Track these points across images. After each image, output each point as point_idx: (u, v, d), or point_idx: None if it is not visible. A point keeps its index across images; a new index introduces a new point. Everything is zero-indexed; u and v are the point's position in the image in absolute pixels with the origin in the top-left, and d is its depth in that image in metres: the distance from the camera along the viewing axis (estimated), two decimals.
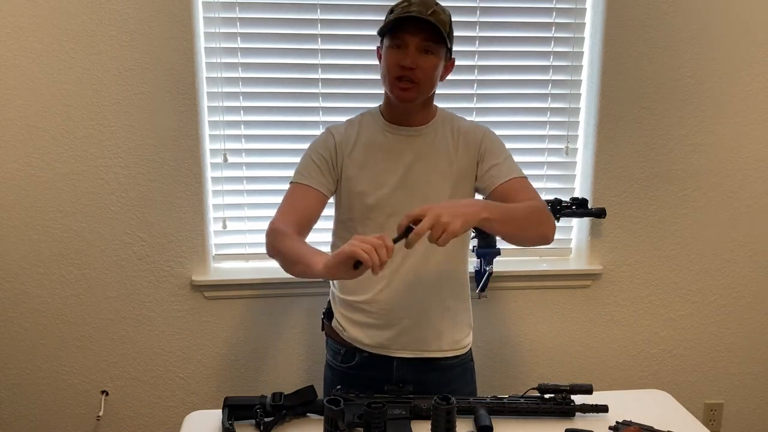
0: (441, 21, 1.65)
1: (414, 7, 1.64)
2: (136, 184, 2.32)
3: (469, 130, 1.79)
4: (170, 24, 2.23)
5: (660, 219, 2.56)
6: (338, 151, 1.75)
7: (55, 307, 2.38)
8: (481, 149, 1.76)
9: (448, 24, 1.69)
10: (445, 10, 1.70)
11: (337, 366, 1.87)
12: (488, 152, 1.76)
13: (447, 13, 1.70)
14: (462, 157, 1.76)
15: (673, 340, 2.67)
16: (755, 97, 2.50)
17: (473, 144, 1.76)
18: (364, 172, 1.74)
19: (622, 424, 1.62)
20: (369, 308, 1.79)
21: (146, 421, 2.51)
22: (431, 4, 1.67)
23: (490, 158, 1.75)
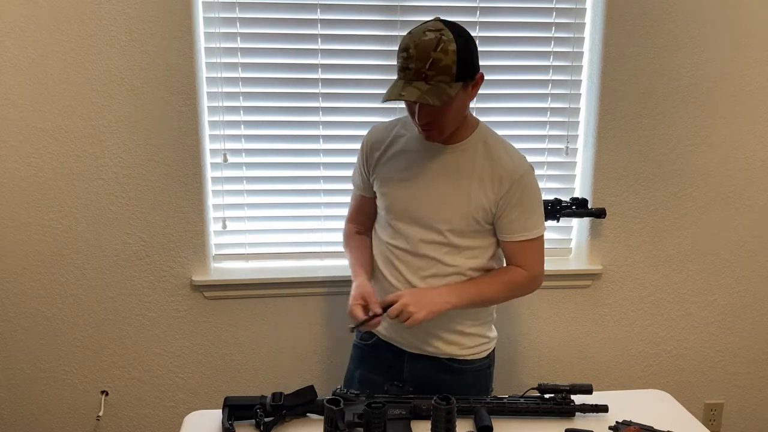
0: (443, 68, 1.57)
1: (412, 63, 1.57)
2: (136, 184, 2.32)
3: (503, 169, 1.72)
4: (170, 24, 2.23)
5: (660, 219, 2.56)
6: (370, 153, 1.84)
7: (55, 307, 2.38)
8: (506, 199, 1.72)
9: (453, 63, 1.57)
10: (449, 45, 1.57)
11: (358, 343, 1.96)
12: (510, 204, 1.72)
13: (451, 49, 1.57)
14: (483, 192, 1.72)
15: (673, 340, 2.67)
16: (755, 97, 2.50)
17: (500, 187, 1.71)
18: (389, 176, 1.79)
19: (622, 424, 1.62)
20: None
21: (146, 421, 2.51)
22: (429, 49, 1.56)
23: (510, 211, 1.73)
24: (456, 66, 1.58)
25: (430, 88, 1.57)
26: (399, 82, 1.61)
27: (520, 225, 1.74)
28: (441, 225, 1.74)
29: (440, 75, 1.57)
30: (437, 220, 1.74)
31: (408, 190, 1.76)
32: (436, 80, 1.57)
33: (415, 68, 1.57)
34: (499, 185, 1.71)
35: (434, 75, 1.57)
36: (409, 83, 1.58)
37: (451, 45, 1.58)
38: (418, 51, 1.56)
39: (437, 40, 1.57)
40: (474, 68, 1.65)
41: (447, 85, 1.58)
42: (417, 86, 1.57)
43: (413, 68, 1.57)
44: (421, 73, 1.57)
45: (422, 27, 1.61)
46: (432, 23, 1.62)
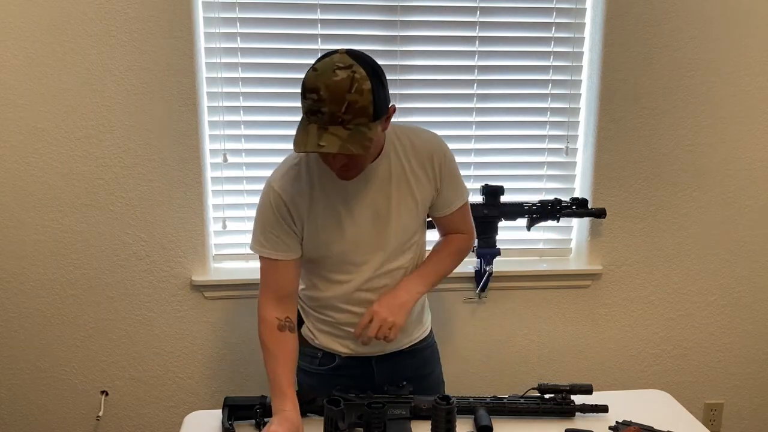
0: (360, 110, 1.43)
1: (325, 107, 1.42)
2: (136, 184, 2.32)
3: (424, 149, 1.68)
4: (170, 24, 2.23)
5: (660, 219, 2.56)
6: (292, 211, 1.64)
7: (55, 307, 2.38)
8: (441, 177, 1.70)
9: (370, 103, 1.44)
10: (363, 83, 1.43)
11: (315, 370, 1.83)
12: (445, 180, 1.71)
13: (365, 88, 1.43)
14: (423, 187, 1.69)
15: (673, 340, 2.67)
16: (755, 97, 2.50)
17: (432, 169, 1.68)
18: (327, 222, 1.65)
19: (622, 424, 1.62)
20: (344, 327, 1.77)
21: (146, 421, 2.51)
22: (343, 91, 1.41)
23: (445, 186, 1.72)
24: (372, 106, 1.44)
25: (350, 134, 1.43)
26: (311, 128, 1.44)
27: (456, 194, 1.76)
28: (394, 241, 1.69)
29: (357, 117, 1.43)
30: (393, 239, 1.69)
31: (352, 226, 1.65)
32: (354, 123, 1.43)
33: (329, 112, 1.42)
34: (431, 168, 1.68)
35: (351, 119, 1.42)
36: (323, 129, 1.43)
37: (365, 84, 1.43)
38: (330, 93, 1.41)
39: (350, 79, 1.42)
40: (387, 103, 1.52)
41: (366, 128, 1.44)
42: (334, 132, 1.42)
43: (327, 112, 1.42)
44: (337, 118, 1.42)
45: (329, 63, 1.44)
46: (338, 58, 1.45)
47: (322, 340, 1.80)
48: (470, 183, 2.51)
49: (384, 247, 1.69)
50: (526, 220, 2.42)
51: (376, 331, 1.64)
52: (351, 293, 1.72)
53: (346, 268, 1.70)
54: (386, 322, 1.64)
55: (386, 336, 1.65)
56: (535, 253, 2.61)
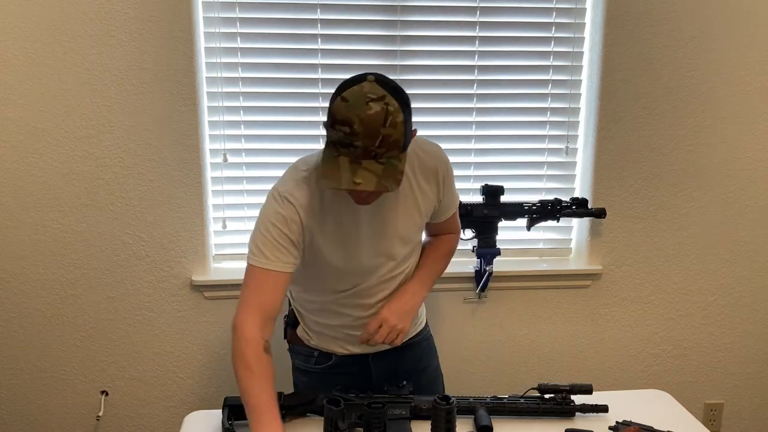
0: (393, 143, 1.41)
1: (358, 141, 1.39)
2: (136, 184, 2.32)
3: (429, 162, 1.67)
4: (170, 24, 2.23)
5: (660, 219, 2.56)
6: (305, 225, 1.58)
7: (54, 307, 2.38)
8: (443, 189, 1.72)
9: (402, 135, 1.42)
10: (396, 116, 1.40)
11: (311, 369, 1.82)
12: (445, 191, 1.73)
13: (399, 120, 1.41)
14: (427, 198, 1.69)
15: (673, 340, 2.67)
16: (755, 97, 2.50)
17: (435, 182, 1.69)
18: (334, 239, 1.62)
19: (622, 424, 1.62)
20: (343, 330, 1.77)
21: (146, 421, 2.51)
22: (378, 125, 1.39)
23: (446, 194, 1.74)
24: (404, 138, 1.44)
25: (384, 169, 1.41)
26: (343, 161, 1.41)
27: (453, 201, 1.79)
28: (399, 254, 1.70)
29: (390, 151, 1.41)
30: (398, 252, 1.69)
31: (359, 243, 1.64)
32: (386, 157, 1.41)
33: (363, 146, 1.39)
34: (434, 180, 1.69)
35: (384, 152, 1.41)
36: (357, 164, 1.40)
37: (398, 116, 1.41)
38: (364, 128, 1.38)
39: (384, 113, 1.39)
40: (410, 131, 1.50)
41: (397, 160, 1.43)
42: (368, 167, 1.40)
43: (360, 146, 1.39)
44: (371, 152, 1.40)
45: (360, 95, 1.40)
46: (369, 88, 1.41)
47: (317, 341, 1.80)
48: (470, 183, 2.51)
49: (390, 258, 1.70)
50: (526, 220, 2.42)
51: (385, 336, 1.68)
52: (351, 299, 1.72)
53: (348, 279, 1.69)
54: (395, 329, 1.68)
55: (393, 341, 1.70)
56: (535, 253, 2.61)
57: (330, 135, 1.45)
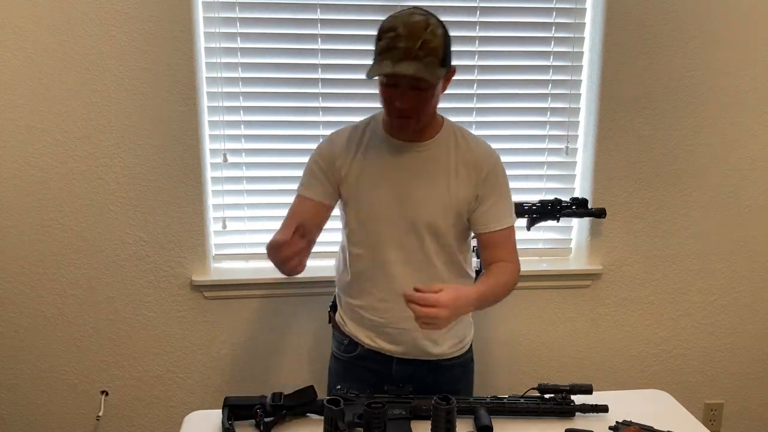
0: (433, 50, 1.55)
1: (401, 43, 1.53)
2: (136, 184, 2.32)
3: (477, 157, 1.72)
4: (170, 24, 2.23)
5: (660, 219, 2.56)
6: (338, 160, 1.73)
7: (55, 307, 2.38)
8: (485, 186, 1.72)
9: (441, 46, 1.57)
10: (437, 29, 1.58)
11: (340, 356, 1.90)
12: (489, 192, 1.72)
13: (438, 33, 1.58)
14: (462, 184, 1.71)
15: (673, 340, 2.67)
16: (755, 97, 2.50)
17: (477, 175, 1.71)
18: (360, 183, 1.72)
19: (622, 424, 1.62)
20: (366, 314, 1.80)
21: (146, 421, 2.51)
22: (420, 29, 1.54)
23: (488, 198, 1.72)
24: (442, 50, 1.57)
25: (423, 66, 1.53)
26: (386, 63, 1.54)
27: (500, 213, 1.74)
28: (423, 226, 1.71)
29: (430, 56, 1.54)
30: (420, 220, 1.70)
31: (385, 198, 1.70)
32: (426, 60, 1.53)
33: (405, 47, 1.52)
34: (476, 174, 1.71)
35: (425, 56, 1.53)
36: (398, 61, 1.53)
37: (438, 29, 1.57)
38: (408, 30, 1.53)
39: (426, 22, 1.56)
40: (450, 59, 1.64)
41: (436, 67, 1.56)
42: (408, 64, 1.52)
43: (402, 47, 1.53)
44: (412, 53, 1.52)
45: (407, 11, 1.59)
46: (412, 8, 1.60)
47: (350, 327, 1.85)
48: None
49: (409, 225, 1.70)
50: (526, 220, 2.42)
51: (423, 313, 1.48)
52: (376, 269, 1.74)
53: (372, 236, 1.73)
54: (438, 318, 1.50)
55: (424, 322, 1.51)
56: (535, 253, 2.61)
57: (377, 47, 1.58)
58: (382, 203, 1.71)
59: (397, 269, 1.73)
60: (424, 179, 1.70)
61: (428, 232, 1.72)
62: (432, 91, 1.60)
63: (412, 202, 1.70)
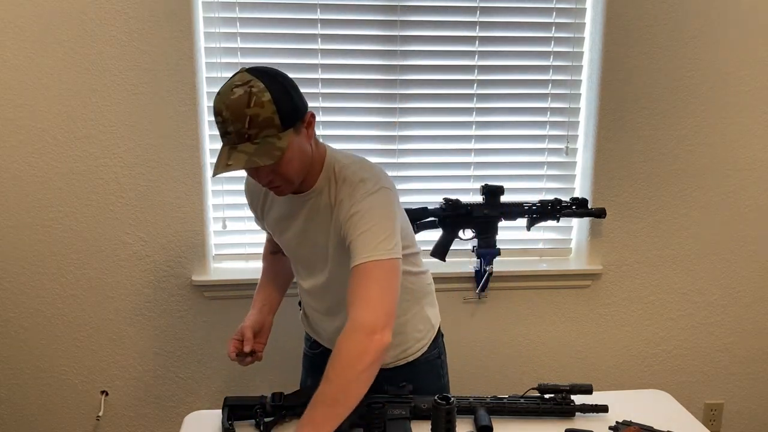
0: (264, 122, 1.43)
1: (230, 127, 1.43)
2: (136, 184, 2.32)
3: (344, 198, 1.58)
4: (170, 24, 2.23)
5: (660, 219, 2.56)
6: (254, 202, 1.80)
7: (55, 307, 2.38)
8: (347, 225, 1.54)
9: (273, 113, 1.44)
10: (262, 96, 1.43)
11: (307, 352, 1.96)
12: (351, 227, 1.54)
13: (265, 100, 1.43)
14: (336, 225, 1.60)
15: (673, 340, 2.67)
16: (755, 97, 2.50)
17: (343, 215, 1.56)
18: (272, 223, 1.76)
19: (622, 424, 1.62)
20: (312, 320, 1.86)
21: (146, 421, 2.51)
22: (242, 107, 1.42)
23: (349, 233, 1.54)
24: (278, 115, 1.44)
25: (257, 148, 1.43)
26: (223, 150, 1.47)
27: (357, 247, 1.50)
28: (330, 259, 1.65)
29: (264, 130, 1.43)
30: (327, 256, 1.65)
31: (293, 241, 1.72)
32: (261, 137, 1.43)
33: (235, 131, 1.43)
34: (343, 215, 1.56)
35: (257, 133, 1.43)
36: (233, 148, 1.44)
37: (264, 96, 1.43)
38: (231, 112, 1.43)
39: (248, 95, 1.43)
40: (299, 110, 1.51)
41: (275, 138, 1.45)
42: (243, 150, 1.43)
43: (233, 131, 1.43)
44: (243, 134, 1.43)
45: (228, 84, 1.47)
46: (238, 77, 1.47)
47: (306, 326, 1.92)
48: (470, 183, 2.51)
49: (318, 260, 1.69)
50: (526, 220, 2.42)
51: None
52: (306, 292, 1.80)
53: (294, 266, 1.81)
54: None
55: None
56: (535, 253, 2.61)
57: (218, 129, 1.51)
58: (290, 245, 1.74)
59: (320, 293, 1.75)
60: (317, 223, 1.64)
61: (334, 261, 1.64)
62: (288, 156, 1.48)
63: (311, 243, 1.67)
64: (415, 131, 2.47)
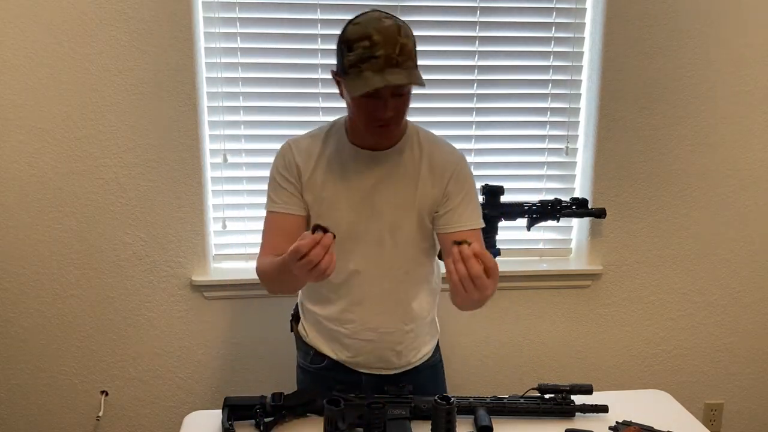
0: (410, 53, 1.49)
1: (380, 50, 1.45)
2: (136, 184, 2.32)
3: (441, 160, 1.66)
4: (170, 24, 2.23)
5: (660, 219, 2.56)
6: (299, 169, 1.67)
7: (55, 307, 2.38)
8: (448, 187, 1.65)
9: (414, 48, 1.52)
10: (408, 30, 1.52)
11: (308, 367, 1.85)
12: (455, 191, 1.65)
13: (410, 34, 1.52)
14: (428, 187, 1.65)
15: (673, 340, 2.67)
16: (755, 97, 2.50)
17: (441, 178, 1.65)
18: (323, 195, 1.67)
19: (622, 424, 1.62)
20: (330, 324, 1.77)
21: (146, 421, 2.51)
22: (395, 34, 1.48)
23: (454, 197, 1.65)
24: (415, 53, 1.53)
25: (408, 73, 1.48)
26: (367, 74, 1.46)
27: (466, 213, 1.65)
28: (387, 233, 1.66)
29: (408, 60, 1.48)
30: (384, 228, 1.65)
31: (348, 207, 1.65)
32: (406, 66, 1.48)
33: (385, 55, 1.45)
34: (441, 178, 1.65)
35: (404, 61, 1.47)
36: (380, 72, 1.45)
37: (410, 30, 1.53)
38: (383, 36, 1.46)
39: (397, 26, 1.50)
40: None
41: (415, 70, 1.51)
42: (394, 72, 1.46)
43: (382, 55, 1.45)
44: (392, 60, 1.45)
45: (372, 15, 1.51)
46: (374, 14, 1.52)
47: (312, 337, 1.82)
48: None
49: (372, 236, 1.66)
50: (526, 220, 2.42)
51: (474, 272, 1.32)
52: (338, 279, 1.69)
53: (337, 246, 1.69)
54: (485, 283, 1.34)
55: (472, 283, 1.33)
56: (535, 253, 2.61)
57: (348, 59, 1.49)
58: (343, 217, 1.65)
59: (360, 279, 1.70)
60: (390, 186, 1.65)
61: (392, 239, 1.66)
62: (410, 92, 1.56)
63: (376, 212, 1.65)
64: None
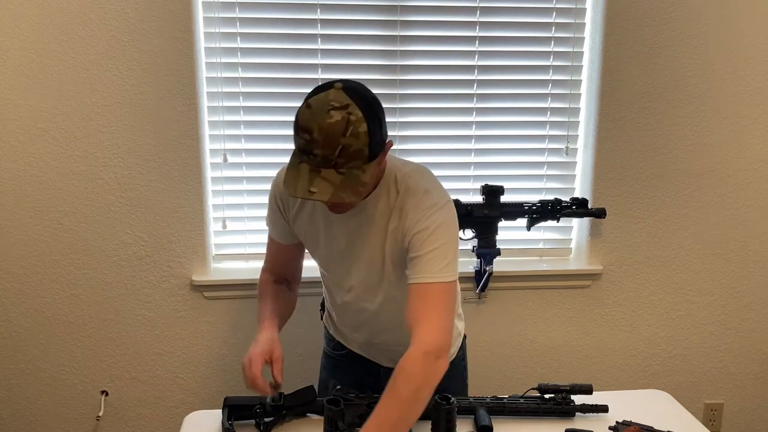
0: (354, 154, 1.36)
1: (318, 150, 1.35)
2: (136, 184, 2.32)
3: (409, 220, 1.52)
4: (170, 24, 2.23)
5: (660, 219, 2.56)
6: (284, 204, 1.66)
7: (55, 307, 2.38)
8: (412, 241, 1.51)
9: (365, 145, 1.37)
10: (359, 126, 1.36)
11: (330, 353, 1.91)
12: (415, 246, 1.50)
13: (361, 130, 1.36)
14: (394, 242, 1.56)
15: (673, 340, 2.67)
16: (755, 97, 2.50)
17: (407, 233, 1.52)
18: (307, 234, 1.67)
19: (622, 424, 1.62)
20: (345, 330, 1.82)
21: (146, 421, 2.51)
22: (337, 135, 1.34)
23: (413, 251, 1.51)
24: (368, 148, 1.38)
25: (343, 179, 1.37)
26: (303, 168, 1.39)
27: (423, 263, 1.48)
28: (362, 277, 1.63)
29: (351, 161, 1.36)
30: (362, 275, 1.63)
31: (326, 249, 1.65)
32: (347, 167, 1.37)
33: (322, 155, 1.35)
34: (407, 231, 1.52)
35: (345, 162, 1.36)
36: (316, 172, 1.37)
37: (361, 126, 1.36)
38: (323, 136, 1.34)
39: (345, 122, 1.35)
40: (384, 141, 1.45)
41: (360, 171, 1.38)
42: (326, 177, 1.36)
43: (319, 155, 1.36)
44: (330, 161, 1.36)
45: (324, 102, 1.37)
46: (333, 95, 1.37)
47: (333, 332, 1.87)
48: (470, 183, 2.51)
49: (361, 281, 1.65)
50: (526, 220, 2.42)
51: None
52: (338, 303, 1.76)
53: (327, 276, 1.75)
54: None
55: None
56: (535, 253, 2.61)
57: (295, 141, 1.42)
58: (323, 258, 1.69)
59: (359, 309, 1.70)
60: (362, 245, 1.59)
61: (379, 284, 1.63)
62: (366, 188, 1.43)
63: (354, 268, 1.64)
64: (414, 131, 2.47)
